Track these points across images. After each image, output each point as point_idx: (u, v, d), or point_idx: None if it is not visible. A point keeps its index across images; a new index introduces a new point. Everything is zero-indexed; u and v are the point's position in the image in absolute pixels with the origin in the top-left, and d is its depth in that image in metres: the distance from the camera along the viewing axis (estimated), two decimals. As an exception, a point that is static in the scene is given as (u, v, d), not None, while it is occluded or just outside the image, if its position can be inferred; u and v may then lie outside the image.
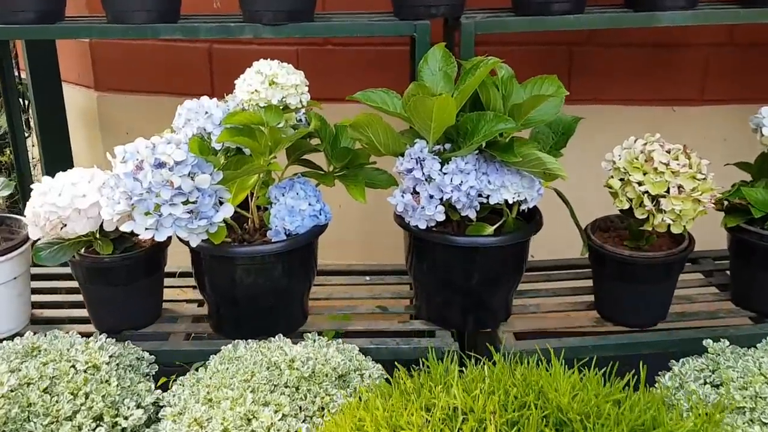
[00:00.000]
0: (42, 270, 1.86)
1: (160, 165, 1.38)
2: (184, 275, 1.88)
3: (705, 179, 1.54)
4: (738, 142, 2.12)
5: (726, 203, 1.69)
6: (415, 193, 1.56)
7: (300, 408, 1.34)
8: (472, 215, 1.56)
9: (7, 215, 1.77)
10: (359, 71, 2.25)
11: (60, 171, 1.57)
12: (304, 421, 1.32)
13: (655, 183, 1.52)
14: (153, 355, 1.58)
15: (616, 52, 2.20)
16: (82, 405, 1.33)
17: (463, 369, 1.26)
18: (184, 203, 1.40)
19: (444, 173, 1.52)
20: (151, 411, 1.42)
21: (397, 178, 1.62)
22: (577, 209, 1.68)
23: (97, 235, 1.58)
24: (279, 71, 1.49)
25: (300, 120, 1.64)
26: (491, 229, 1.59)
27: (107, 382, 1.40)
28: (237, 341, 1.53)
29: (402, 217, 1.61)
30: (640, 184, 1.54)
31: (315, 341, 1.52)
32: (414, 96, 1.48)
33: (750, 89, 2.19)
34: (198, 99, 1.58)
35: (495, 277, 1.64)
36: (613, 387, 1.17)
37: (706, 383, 1.42)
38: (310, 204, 1.58)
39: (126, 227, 1.42)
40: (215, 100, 1.57)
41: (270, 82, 1.48)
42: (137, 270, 1.63)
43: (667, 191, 1.52)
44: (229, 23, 1.69)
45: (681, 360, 1.49)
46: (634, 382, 1.23)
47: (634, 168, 1.55)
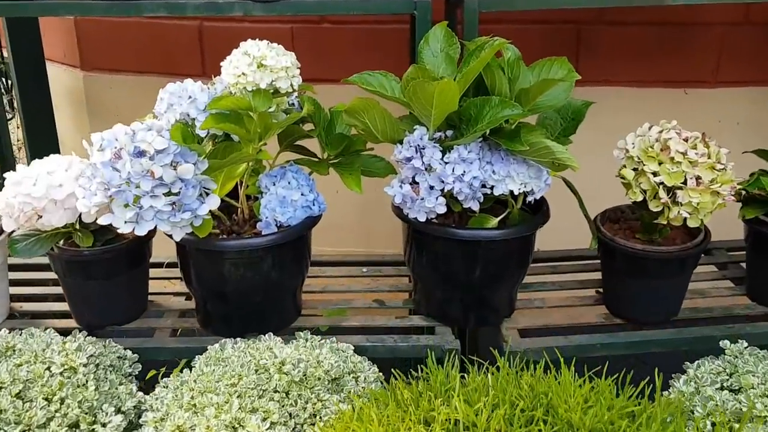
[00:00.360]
0: (25, 260, 1.76)
1: (139, 154, 1.28)
2: (171, 266, 1.78)
3: (725, 170, 1.44)
4: (752, 126, 2.04)
5: (744, 193, 1.60)
6: (415, 184, 1.46)
7: (290, 415, 1.25)
8: (474, 207, 1.47)
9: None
10: (357, 51, 2.15)
11: (45, 154, 1.49)
12: (294, 430, 1.24)
13: (672, 173, 1.43)
14: (136, 353, 1.49)
15: (626, 31, 2.10)
16: (56, 411, 1.24)
17: (465, 375, 1.18)
18: (165, 195, 1.30)
19: (445, 162, 1.43)
20: (132, 415, 1.33)
21: (396, 166, 1.52)
22: (584, 198, 1.58)
23: (77, 227, 1.49)
24: (268, 53, 1.38)
25: (293, 104, 1.54)
26: (495, 221, 1.50)
27: (84, 386, 1.30)
28: (224, 341, 1.45)
29: (400, 209, 1.51)
30: (655, 174, 1.44)
31: (307, 340, 1.44)
32: (414, 80, 1.38)
33: (766, 71, 2.11)
34: (183, 81, 1.48)
35: (499, 272, 1.54)
36: (627, 397, 1.08)
37: (723, 388, 1.33)
38: (302, 194, 1.49)
39: (104, 220, 1.32)
40: (200, 83, 1.46)
41: (258, 64, 1.37)
42: (119, 263, 1.54)
43: (684, 182, 1.42)
44: (218, 0, 1.58)
45: (696, 362, 1.40)
46: (649, 390, 1.15)
47: (648, 157, 1.45)
